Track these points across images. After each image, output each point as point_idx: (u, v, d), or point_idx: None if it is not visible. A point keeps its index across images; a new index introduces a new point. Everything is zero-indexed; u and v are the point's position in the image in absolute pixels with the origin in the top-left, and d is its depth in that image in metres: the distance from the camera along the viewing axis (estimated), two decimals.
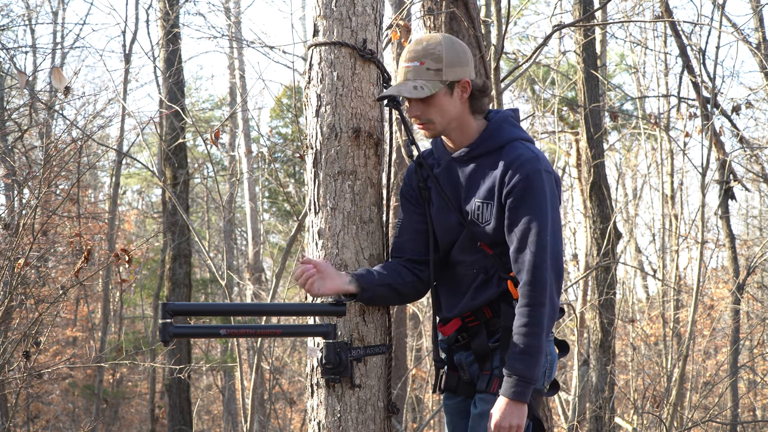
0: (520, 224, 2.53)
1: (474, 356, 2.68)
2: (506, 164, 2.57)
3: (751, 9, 9.32)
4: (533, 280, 2.50)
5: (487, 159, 2.63)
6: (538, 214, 2.52)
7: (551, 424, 4.69)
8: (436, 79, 2.59)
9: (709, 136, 6.76)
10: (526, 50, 12.35)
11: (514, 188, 2.54)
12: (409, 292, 2.73)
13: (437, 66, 2.60)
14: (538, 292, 2.50)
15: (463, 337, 2.71)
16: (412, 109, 2.63)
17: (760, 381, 11.56)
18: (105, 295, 12.90)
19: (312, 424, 2.74)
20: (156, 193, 21.14)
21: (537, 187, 2.54)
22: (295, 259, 13.05)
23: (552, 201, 2.57)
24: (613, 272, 8.38)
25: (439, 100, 2.61)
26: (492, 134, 2.65)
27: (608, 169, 11.15)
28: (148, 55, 10.53)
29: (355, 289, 2.62)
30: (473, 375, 2.69)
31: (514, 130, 2.66)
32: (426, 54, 2.61)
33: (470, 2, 4.47)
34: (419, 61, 2.60)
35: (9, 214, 6.83)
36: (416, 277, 2.73)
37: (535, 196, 2.53)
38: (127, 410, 15.68)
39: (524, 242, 2.52)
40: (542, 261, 2.50)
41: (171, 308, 2.45)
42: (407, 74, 2.60)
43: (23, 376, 5.69)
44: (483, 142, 2.65)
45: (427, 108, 2.61)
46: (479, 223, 2.63)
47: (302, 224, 5.49)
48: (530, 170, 2.54)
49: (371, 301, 2.67)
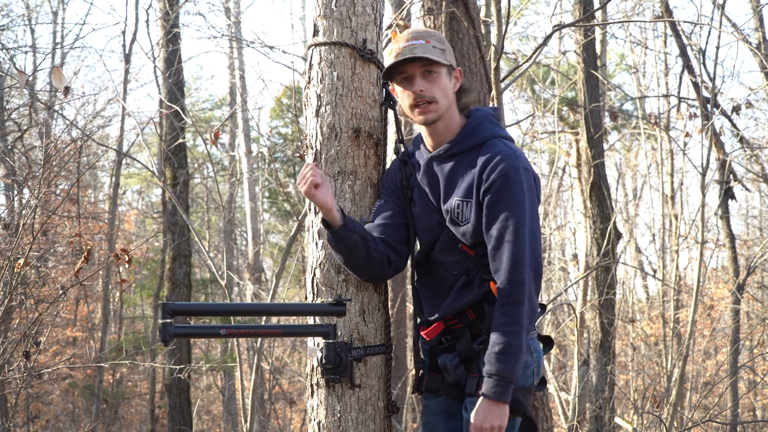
0: (498, 222, 2.50)
1: (459, 359, 2.66)
2: (484, 161, 2.55)
3: (751, 9, 9.31)
4: (512, 278, 2.48)
5: (466, 156, 2.62)
6: (516, 211, 2.50)
7: (551, 424, 4.69)
8: (443, 57, 2.60)
9: (709, 136, 6.75)
10: (526, 50, 12.35)
11: (492, 185, 2.52)
12: (376, 264, 2.67)
13: (442, 46, 2.62)
14: (516, 291, 2.48)
15: (447, 340, 2.69)
16: (417, 84, 2.59)
17: (760, 381, 11.54)
18: (105, 295, 12.89)
19: (312, 424, 2.74)
20: (156, 193, 21.13)
21: (515, 184, 2.51)
22: (295, 259, 13.06)
23: (530, 198, 2.54)
24: (613, 272, 8.38)
25: (443, 78, 2.61)
26: (472, 131, 2.64)
27: (608, 169, 11.14)
28: (148, 55, 10.52)
29: (340, 221, 2.60)
30: (460, 377, 2.67)
31: (494, 128, 2.65)
32: (429, 35, 2.62)
33: (470, 2, 4.47)
34: (425, 40, 2.60)
35: (9, 214, 6.83)
36: (387, 254, 2.69)
37: (513, 193, 2.51)
38: (127, 410, 15.67)
39: (502, 240, 2.50)
40: (521, 259, 2.48)
41: (171, 308, 2.45)
42: (414, 50, 2.57)
43: (23, 376, 5.68)
44: (462, 139, 2.63)
45: (431, 85, 2.59)
46: (459, 222, 2.61)
47: (302, 224, 5.49)
48: (508, 167, 2.52)
49: (342, 246, 2.61)
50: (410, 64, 2.59)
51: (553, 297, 8.68)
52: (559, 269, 13.80)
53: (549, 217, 13.76)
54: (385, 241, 2.69)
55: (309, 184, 2.59)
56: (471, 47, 4.49)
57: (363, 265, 2.67)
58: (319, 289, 2.77)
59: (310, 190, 2.59)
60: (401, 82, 2.64)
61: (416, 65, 2.59)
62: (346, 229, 2.60)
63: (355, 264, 2.67)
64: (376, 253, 2.65)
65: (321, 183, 2.61)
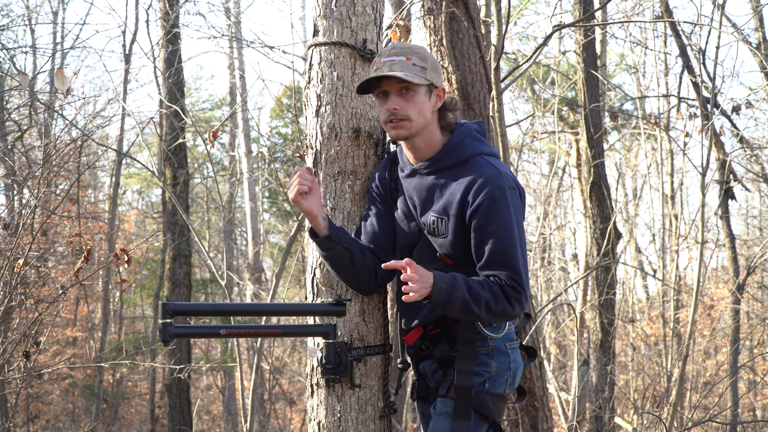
0: (488, 245, 2.51)
1: (437, 364, 2.67)
2: (469, 182, 2.54)
3: (751, 9, 9.32)
4: (512, 285, 2.51)
5: (447, 174, 2.61)
6: (505, 234, 2.51)
7: (551, 424, 4.69)
8: (422, 75, 2.57)
9: (709, 136, 6.75)
10: (526, 50, 12.35)
11: (478, 208, 2.51)
12: (362, 278, 2.68)
13: (423, 64, 2.58)
14: (512, 296, 2.51)
15: (427, 347, 2.69)
16: (392, 102, 2.57)
17: (760, 381, 11.55)
18: (105, 295, 12.90)
19: (312, 424, 2.74)
20: (156, 193, 21.13)
21: (501, 206, 2.51)
22: (295, 259, 13.06)
23: (517, 218, 2.55)
24: (613, 272, 8.38)
25: (420, 97, 2.58)
26: (453, 149, 2.62)
27: (608, 169, 11.14)
28: (148, 56, 10.51)
29: (325, 230, 2.61)
30: (437, 382, 2.68)
31: (477, 145, 2.63)
32: (412, 51, 2.59)
33: (470, 2, 4.46)
34: (405, 56, 2.57)
35: (9, 214, 6.83)
36: (375, 268, 2.69)
37: (500, 215, 2.51)
38: (127, 410, 15.67)
39: (492, 261, 2.52)
40: (519, 273, 2.51)
41: (171, 308, 2.45)
42: (392, 66, 2.54)
43: (23, 376, 5.68)
44: (444, 157, 2.61)
45: (406, 103, 2.57)
46: (436, 236, 2.62)
47: (302, 224, 5.49)
48: (494, 189, 2.51)
49: (326, 255, 2.63)
50: (387, 81, 2.57)
51: (553, 297, 8.68)
52: (559, 269, 13.81)
53: (549, 217, 13.76)
54: (373, 251, 2.70)
55: (296, 191, 2.60)
56: (471, 47, 4.48)
57: (348, 276, 2.69)
58: (319, 289, 2.77)
59: (296, 198, 2.60)
60: (378, 96, 2.62)
61: (392, 82, 2.57)
62: (330, 240, 2.61)
63: (340, 274, 2.70)
64: (362, 267, 2.66)
65: (309, 190, 2.61)
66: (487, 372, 2.60)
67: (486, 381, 2.60)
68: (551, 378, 9.45)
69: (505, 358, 2.63)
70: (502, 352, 2.63)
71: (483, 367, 2.60)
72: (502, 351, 2.63)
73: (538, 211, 13.82)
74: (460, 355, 2.58)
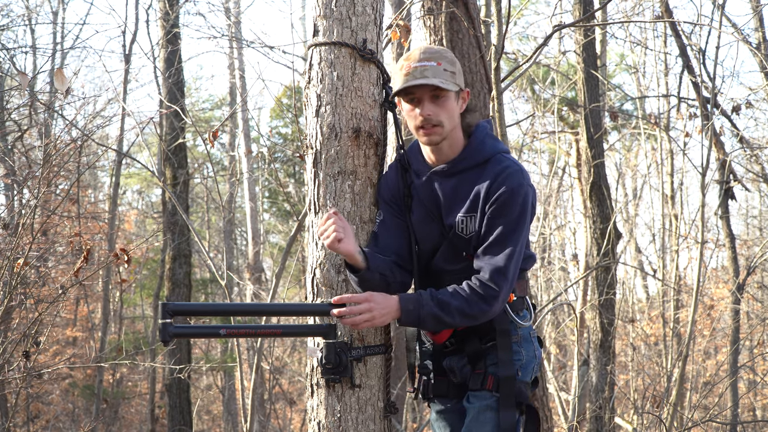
0: (495, 234, 2.57)
1: (467, 359, 2.69)
2: (494, 175, 2.59)
3: (751, 9, 9.32)
4: (492, 279, 2.55)
5: (470, 173, 2.64)
6: (513, 228, 2.57)
7: (551, 424, 4.69)
8: (452, 81, 2.60)
9: (709, 136, 6.76)
10: (526, 50, 12.35)
11: (498, 198, 2.57)
12: (391, 291, 2.69)
13: (452, 69, 2.61)
14: (490, 294, 2.54)
15: (452, 343, 2.72)
16: (425, 108, 2.58)
17: (760, 381, 11.55)
18: (105, 295, 12.90)
19: (312, 424, 2.74)
20: (156, 193, 21.14)
21: (517, 202, 2.57)
22: (295, 259, 13.06)
23: (527, 217, 2.61)
24: (613, 272, 8.38)
25: (450, 102, 2.61)
26: (476, 149, 2.66)
27: (608, 169, 11.13)
28: (148, 56, 10.52)
29: (363, 264, 2.61)
30: (465, 377, 2.70)
31: (497, 144, 2.68)
32: (441, 56, 2.61)
33: (470, 2, 4.46)
34: (436, 62, 2.58)
35: (9, 213, 6.83)
36: (404, 281, 2.73)
37: (513, 210, 2.57)
38: (127, 410, 15.67)
39: (493, 249, 2.57)
40: (506, 272, 2.55)
41: (171, 308, 2.45)
42: (424, 72, 2.56)
43: (23, 376, 5.68)
44: (467, 157, 2.65)
45: (438, 109, 2.59)
46: (463, 236, 2.64)
47: (302, 224, 5.49)
48: (515, 184, 2.56)
49: (365, 284, 2.63)
50: (419, 87, 2.59)
51: (553, 297, 8.68)
52: (559, 269, 13.80)
53: (549, 217, 13.76)
54: (398, 263, 2.71)
55: (333, 239, 2.57)
56: (471, 47, 4.48)
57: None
58: (319, 289, 2.77)
59: (333, 244, 2.58)
60: (409, 102, 2.63)
61: (426, 89, 2.58)
62: (369, 272, 2.62)
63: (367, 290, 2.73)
64: (393, 284, 2.68)
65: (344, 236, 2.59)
66: (519, 361, 2.66)
67: (518, 369, 2.65)
68: (551, 378, 9.45)
69: (530, 346, 2.70)
70: (528, 340, 2.70)
71: (515, 356, 2.66)
72: (528, 339, 2.70)
73: (538, 211, 13.80)
74: (500, 345, 2.63)
